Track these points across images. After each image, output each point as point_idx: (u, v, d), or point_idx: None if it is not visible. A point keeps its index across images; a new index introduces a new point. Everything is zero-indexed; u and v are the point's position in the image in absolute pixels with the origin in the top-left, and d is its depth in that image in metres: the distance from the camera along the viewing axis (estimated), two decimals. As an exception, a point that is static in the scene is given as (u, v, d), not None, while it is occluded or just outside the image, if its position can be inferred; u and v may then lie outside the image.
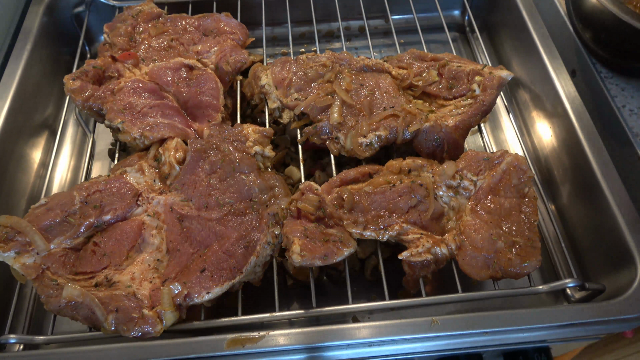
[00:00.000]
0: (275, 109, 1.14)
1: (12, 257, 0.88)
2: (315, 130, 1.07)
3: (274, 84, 1.14)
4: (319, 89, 1.10)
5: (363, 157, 1.04)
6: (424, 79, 1.13)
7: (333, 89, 1.09)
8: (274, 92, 1.13)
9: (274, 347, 0.84)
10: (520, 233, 0.92)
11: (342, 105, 1.07)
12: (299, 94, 1.11)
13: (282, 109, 1.14)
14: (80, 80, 1.10)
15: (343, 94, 1.08)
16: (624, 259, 0.95)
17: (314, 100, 1.08)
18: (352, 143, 1.03)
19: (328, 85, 1.11)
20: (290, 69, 1.15)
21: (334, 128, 1.05)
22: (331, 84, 1.11)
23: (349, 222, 0.94)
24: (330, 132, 1.06)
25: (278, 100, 1.12)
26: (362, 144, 1.03)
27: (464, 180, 0.98)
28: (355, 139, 1.03)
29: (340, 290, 1.10)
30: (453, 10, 1.62)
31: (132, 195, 0.98)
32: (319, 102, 1.07)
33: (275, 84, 1.13)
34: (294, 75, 1.13)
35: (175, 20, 1.28)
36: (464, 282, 0.92)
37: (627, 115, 1.13)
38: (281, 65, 1.16)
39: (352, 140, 1.03)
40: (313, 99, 1.08)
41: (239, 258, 0.90)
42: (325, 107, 1.07)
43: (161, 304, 0.85)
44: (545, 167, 1.24)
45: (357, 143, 1.03)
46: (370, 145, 1.04)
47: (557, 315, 0.84)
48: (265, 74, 1.16)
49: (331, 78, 1.11)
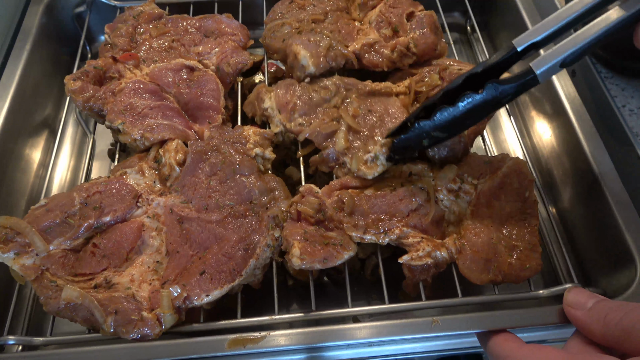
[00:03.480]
0: (278, 133, 1.10)
1: (11, 258, 0.88)
2: (321, 159, 1.04)
3: (277, 107, 1.09)
4: (324, 114, 1.06)
5: (371, 175, 1.00)
6: (427, 84, 1.12)
7: (339, 114, 1.05)
8: (277, 116, 1.08)
9: (275, 347, 0.84)
10: (520, 237, 0.92)
11: (348, 131, 1.03)
12: (303, 119, 1.07)
13: (285, 133, 1.10)
14: (81, 81, 1.10)
15: (350, 120, 1.04)
16: (623, 260, 0.95)
17: (319, 127, 1.04)
18: (357, 162, 1.00)
19: (334, 110, 1.07)
20: (295, 92, 1.10)
21: (340, 154, 1.02)
22: (337, 109, 1.07)
23: (349, 226, 0.94)
24: (336, 159, 1.03)
25: (281, 124, 1.08)
26: (367, 160, 1.00)
27: (464, 184, 0.97)
28: (360, 156, 1.00)
29: (341, 291, 1.10)
30: (454, 12, 1.62)
31: (132, 196, 0.98)
32: (324, 128, 1.03)
33: (279, 108, 1.09)
34: (299, 99, 1.09)
35: (176, 21, 1.27)
36: (464, 286, 0.92)
37: (627, 115, 1.13)
38: (285, 88, 1.11)
39: (356, 159, 1.00)
40: (318, 125, 1.04)
41: (239, 260, 0.90)
42: (330, 134, 1.04)
43: (160, 306, 0.85)
44: (545, 168, 1.24)
45: (361, 160, 0.99)
46: (375, 159, 1.00)
47: (557, 315, 0.84)
48: (269, 96, 1.11)
49: (337, 103, 1.08)
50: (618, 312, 0.68)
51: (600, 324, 0.70)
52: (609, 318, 0.69)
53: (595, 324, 0.72)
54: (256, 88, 1.14)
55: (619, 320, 0.67)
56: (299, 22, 1.22)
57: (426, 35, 1.20)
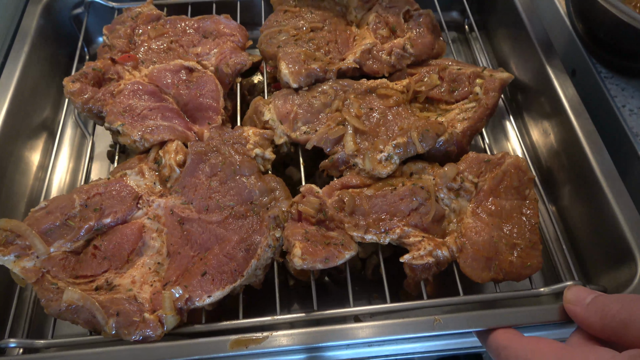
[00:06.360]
0: (282, 144, 1.08)
1: (12, 261, 0.88)
2: (331, 163, 1.03)
3: (278, 118, 1.08)
4: (328, 120, 1.06)
5: (386, 173, 1.00)
6: (426, 84, 1.12)
7: (343, 117, 1.05)
8: (280, 127, 1.07)
9: (277, 347, 0.83)
10: (521, 235, 0.93)
11: (355, 133, 1.03)
12: (307, 126, 1.06)
13: (289, 143, 1.09)
14: (80, 83, 1.10)
15: (355, 121, 1.04)
16: (624, 257, 0.95)
17: (326, 133, 1.03)
18: (371, 161, 0.99)
19: (337, 114, 1.06)
20: (294, 101, 1.09)
21: (351, 157, 1.01)
22: (340, 112, 1.06)
23: (350, 225, 0.94)
24: (346, 161, 1.02)
25: (285, 135, 1.07)
26: (380, 159, 1.00)
27: (465, 182, 0.98)
28: (373, 155, 1.00)
29: (342, 291, 1.10)
30: (452, 11, 1.62)
31: (133, 198, 0.98)
32: (331, 133, 1.03)
33: (280, 119, 1.08)
34: (299, 108, 1.08)
35: (174, 22, 1.27)
36: (465, 284, 0.92)
37: (627, 115, 1.13)
38: (283, 99, 1.10)
39: (370, 159, 0.99)
40: (324, 132, 1.03)
41: (240, 261, 0.90)
42: (338, 138, 1.03)
43: (162, 307, 0.85)
44: (545, 167, 1.24)
45: (375, 160, 0.99)
46: (389, 158, 0.99)
47: (558, 313, 0.85)
48: (268, 108, 1.09)
49: (339, 106, 1.07)
50: (615, 305, 0.69)
51: (599, 317, 0.71)
52: (606, 311, 0.70)
53: (593, 317, 0.72)
54: (253, 102, 1.13)
55: (616, 313, 0.68)
56: (297, 30, 1.22)
57: (423, 35, 1.20)
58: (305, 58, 1.13)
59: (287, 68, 1.12)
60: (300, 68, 1.11)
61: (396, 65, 1.17)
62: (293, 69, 1.11)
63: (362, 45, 1.17)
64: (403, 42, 1.18)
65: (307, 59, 1.13)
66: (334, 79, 1.14)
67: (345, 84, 1.12)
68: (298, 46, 1.16)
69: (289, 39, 1.19)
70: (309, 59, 1.13)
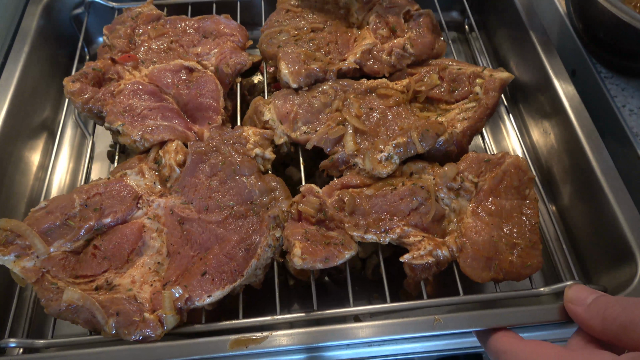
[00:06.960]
0: (282, 144, 1.08)
1: (11, 261, 0.88)
2: (331, 163, 1.03)
3: (278, 118, 1.08)
4: (328, 120, 1.06)
5: (385, 173, 1.00)
6: (426, 84, 1.12)
7: (343, 117, 1.05)
8: (280, 127, 1.07)
9: (277, 347, 0.83)
10: (521, 235, 0.92)
11: (355, 133, 1.03)
12: (307, 126, 1.06)
13: (289, 143, 1.09)
14: (80, 83, 1.10)
15: (355, 121, 1.04)
16: (624, 257, 0.95)
17: (326, 133, 1.03)
18: (371, 161, 0.99)
19: (337, 114, 1.06)
20: (294, 101, 1.09)
21: (351, 156, 1.02)
22: (340, 112, 1.06)
23: (350, 225, 0.94)
24: (346, 161, 1.03)
25: (285, 135, 1.07)
26: (381, 159, 1.00)
27: (465, 182, 0.97)
28: (373, 155, 1.00)
29: (342, 291, 1.10)
30: (452, 11, 1.62)
31: (132, 198, 0.98)
32: (331, 133, 1.03)
33: (280, 119, 1.08)
34: (299, 108, 1.08)
35: (174, 22, 1.27)
36: (465, 284, 0.92)
37: (627, 115, 1.14)
38: (284, 99, 1.10)
39: (370, 158, 0.99)
40: (325, 132, 1.03)
41: (240, 261, 0.89)
42: (338, 138, 1.03)
43: (162, 307, 0.85)
44: (545, 167, 1.24)
45: (376, 160, 0.99)
46: (389, 158, 1.00)
47: (558, 312, 0.85)
48: (268, 108, 1.10)
49: (339, 106, 1.07)
50: (616, 308, 0.69)
51: (600, 319, 0.71)
52: (607, 313, 0.70)
53: (594, 320, 0.72)
54: (253, 102, 1.13)
55: (617, 316, 0.68)
56: (297, 30, 1.22)
57: (423, 35, 1.20)
58: (305, 58, 1.13)
59: (287, 68, 1.12)
60: (300, 68, 1.11)
61: (396, 65, 1.17)
62: (293, 69, 1.11)
63: (362, 46, 1.18)
64: (403, 42, 1.18)
65: (307, 59, 1.13)
66: (334, 79, 1.14)
67: (345, 84, 1.12)
68: (298, 46, 1.17)
69: (290, 39, 1.19)
70: (309, 59, 1.13)
